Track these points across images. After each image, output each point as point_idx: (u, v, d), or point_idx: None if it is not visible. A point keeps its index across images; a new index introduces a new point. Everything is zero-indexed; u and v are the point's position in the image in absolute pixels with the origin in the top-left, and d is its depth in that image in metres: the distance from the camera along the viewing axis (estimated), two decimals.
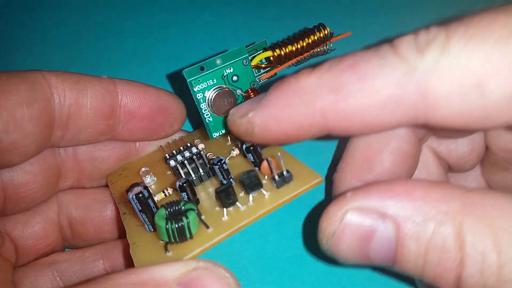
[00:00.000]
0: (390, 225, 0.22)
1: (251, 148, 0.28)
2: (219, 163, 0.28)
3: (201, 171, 0.30)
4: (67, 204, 0.34)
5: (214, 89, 0.30)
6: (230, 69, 0.30)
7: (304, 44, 0.32)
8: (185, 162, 0.30)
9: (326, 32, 0.33)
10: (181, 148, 0.34)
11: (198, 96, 0.30)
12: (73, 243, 0.35)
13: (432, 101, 0.22)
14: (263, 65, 0.32)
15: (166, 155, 0.33)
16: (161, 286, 0.21)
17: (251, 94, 0.31)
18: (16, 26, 0.50)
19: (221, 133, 0.31)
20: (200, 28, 0.48)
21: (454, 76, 0.21)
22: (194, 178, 0.30)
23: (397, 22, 0.47)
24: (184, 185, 0.27)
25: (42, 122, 0.28)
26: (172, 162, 0.31)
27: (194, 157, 0.30)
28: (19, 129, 0.27)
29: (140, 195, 0.25)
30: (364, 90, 0.22)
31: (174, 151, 0.33)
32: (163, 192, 0.30)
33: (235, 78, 0.30)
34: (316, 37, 0.32)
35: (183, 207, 0.26)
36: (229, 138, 0.33)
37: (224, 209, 0.26)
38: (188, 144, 0.34)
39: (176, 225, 0.24)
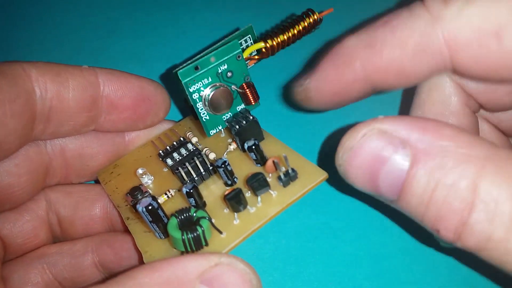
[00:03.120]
0: (408, 153, 0.21)
1: (253, 147, 0.28)
2: (223, 166, 0.28)
3: (201, 170, 0.30)
4: (55, 202, 0.33)
5: (210, 88, 0.29)
6: (224, 65, 0.29)
7: (295, 31, 0.31)
8: (185, 162, 0.30)
9: (315, 17, 0.32)
10: (174, 143, 0.33)
11: (194, 96, 0.29)
12: (62, 240, 0.34)
13: (455, 47, 0.23)
14: (256, 57, 0.31)
15: (160, 151, 0.33)
16: (185, 284, 0.21)
17: (246, 88, 0.30)
18: (12, 25, 0.49)
19: (217, 130, 0.31)
20: (196, 26, 0.47)
21: (474, 24, 0.22)
22: (196, 178, 0.30)
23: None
24: (191, 191, 0.27)
25: (24, 118, 0.27)
26: (169, 161, 0.31)
27: (195, 157, 0.30)
28: (1, 127, 0.26)
29: (150, 207, 0.25)
30: (394, 41, 0.24)
31: (168, 147, 0.33)
32: (166, 194, 0.30)
33: (229, 74, 0.29)
34: (306, 23, 0.32)
35: (194, 214, 0.26)
36: (222, 130, 0.33)
37: (235, 213, 0.26)
38: (181, 139, 0.33)
39: (192, 235, 0.24)
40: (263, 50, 0.31)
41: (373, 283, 0.32)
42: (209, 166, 0.30)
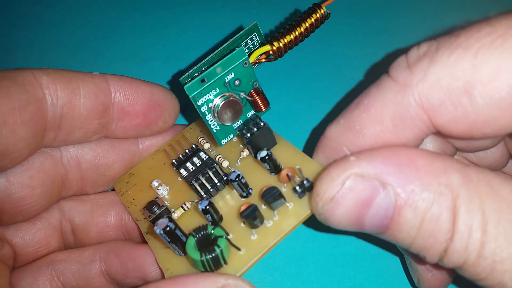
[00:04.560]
0: (390, 193, 0.22)
1: (266, 157, 0.28)
2: (237, 179, 0.27)
3: (216, 181, 0.30)
4: (69, 210, 0.33)
5: (218, 98, 0.28)
6: (231, 74, 0.28)
7: (302, 29, 0.30)
8: (199, 173, 0.30)
9: (322, 12, 0.30)
10: (187, 151, 0.33)
11: (203, 109, 0.28)
12: (74, 247, 0.34)
13: (430, 109, 0.23)
14: (264, 60, 0.30)
15: (173, 160, 0.33)
16: None
17: (255, 96, 0.29)
18: (12, 25, 0.49)
19: (229, 139, 0.31)
20: (196, 26, 0.46)
21: (442, 84, 0.22)
22: (211, 190, 0.30)
23: None
24: (207, 207, 0.27)
25: (35, 125, 0.28)
26: (184, 172, 0.31)
27: (208, 168, 0.29)
28: (12, 134, 0.27)
29: (168, 229, 0.25)
30: (371, 118, 0.24)
31: (181, 155, 0.33)
32: (182, 207, 0.30)
33: (237, 82, 0.29)
34: (313, 19, 0.30)
35: (212, 232, 0.26)
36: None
37: (252, 229, 0.26)
38: (194, 146, 0.33)
39: (210, 256, 0.25)
40: (270, 53, 0.30)
41: (373, 283, 0.32)
42: (223, 176, 0.30)
